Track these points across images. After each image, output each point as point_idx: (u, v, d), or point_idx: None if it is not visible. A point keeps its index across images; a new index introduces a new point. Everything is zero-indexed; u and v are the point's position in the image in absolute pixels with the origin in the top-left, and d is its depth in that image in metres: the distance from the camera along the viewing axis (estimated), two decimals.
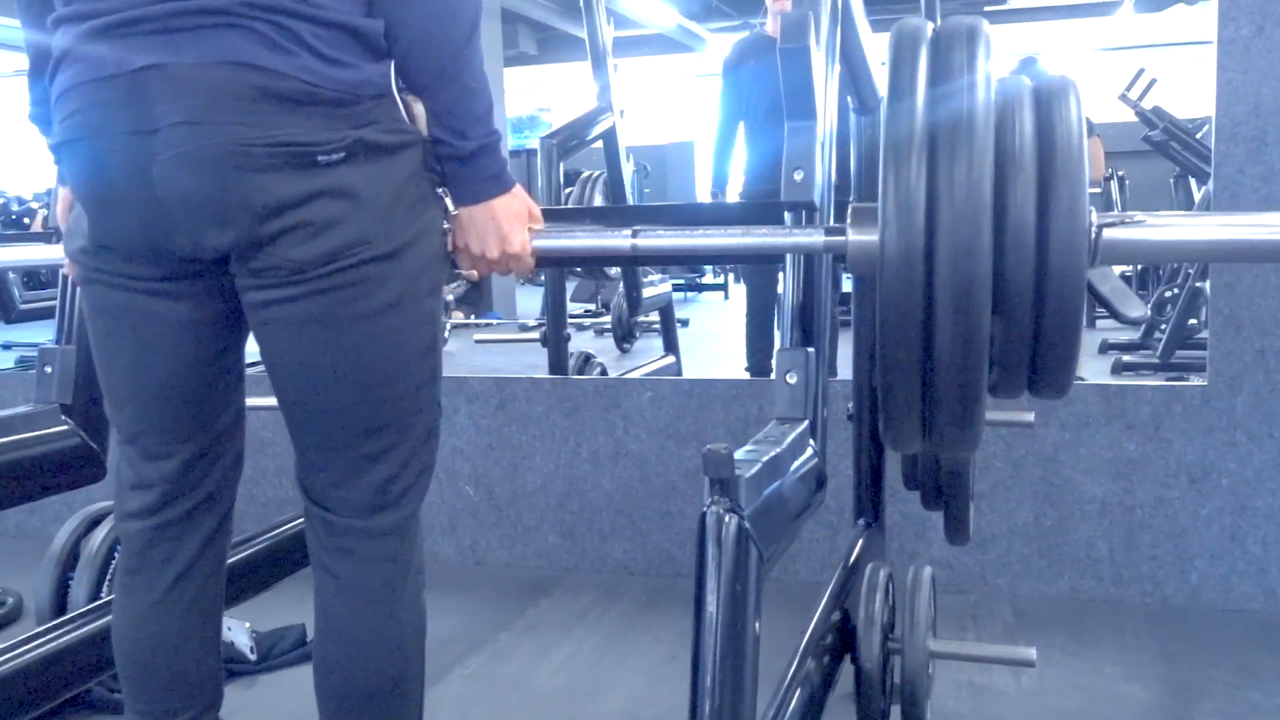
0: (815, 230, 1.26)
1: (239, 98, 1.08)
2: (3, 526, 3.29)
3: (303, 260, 1.13)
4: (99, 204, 1.17)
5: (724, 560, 1.07)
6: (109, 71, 1.10)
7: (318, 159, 1.11)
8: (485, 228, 1.27)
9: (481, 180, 1.25)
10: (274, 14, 1.09)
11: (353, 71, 1.13)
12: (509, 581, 2.86)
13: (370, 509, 1.27)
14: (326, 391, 1.22)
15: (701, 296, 10.39)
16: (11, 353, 6.35)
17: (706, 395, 2.83)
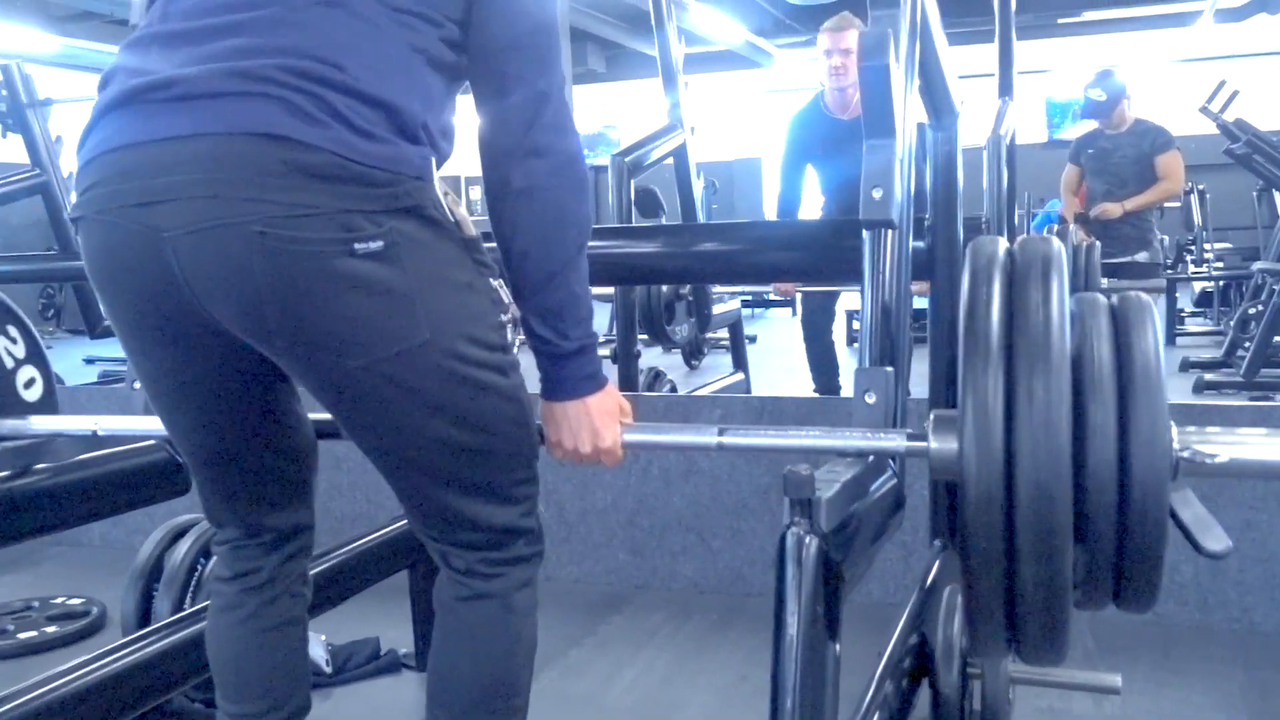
0: (897, 435, 1.24)
1: (265, 172, 1.02)
2: (87, 538, 3.38)
3: (342, 363, 1.10)
4: (116, 285, 1.12)
5: (804, 581, 1.06)
6: (128, 139, 1.06)
7: (354, 248, 1.04)
8: (579, 424, 1.27)
9: (579, 378, 1.25)
10: (309, 82, 1.04)
11: (389, 147, 1.07)
12: (579, 598, 2.86)
13: (485, 546, 1.28)
14: (410, 473, 1.23)
15: (769, 313, 10.35)
16: (94, 367, 6.52)
17: (777, 413, 2.81)
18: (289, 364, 1.15)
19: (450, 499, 1.24)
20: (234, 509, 1.34)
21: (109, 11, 8.56)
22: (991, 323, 1.04)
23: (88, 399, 3.56)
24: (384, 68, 1.09)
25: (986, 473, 1.00)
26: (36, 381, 1.74)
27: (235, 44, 1.06)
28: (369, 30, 1.09)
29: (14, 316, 1.73)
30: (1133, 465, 1.02)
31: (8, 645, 2.50)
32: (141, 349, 1.19)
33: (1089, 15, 11.62)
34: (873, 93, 1.38)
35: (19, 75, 4.28)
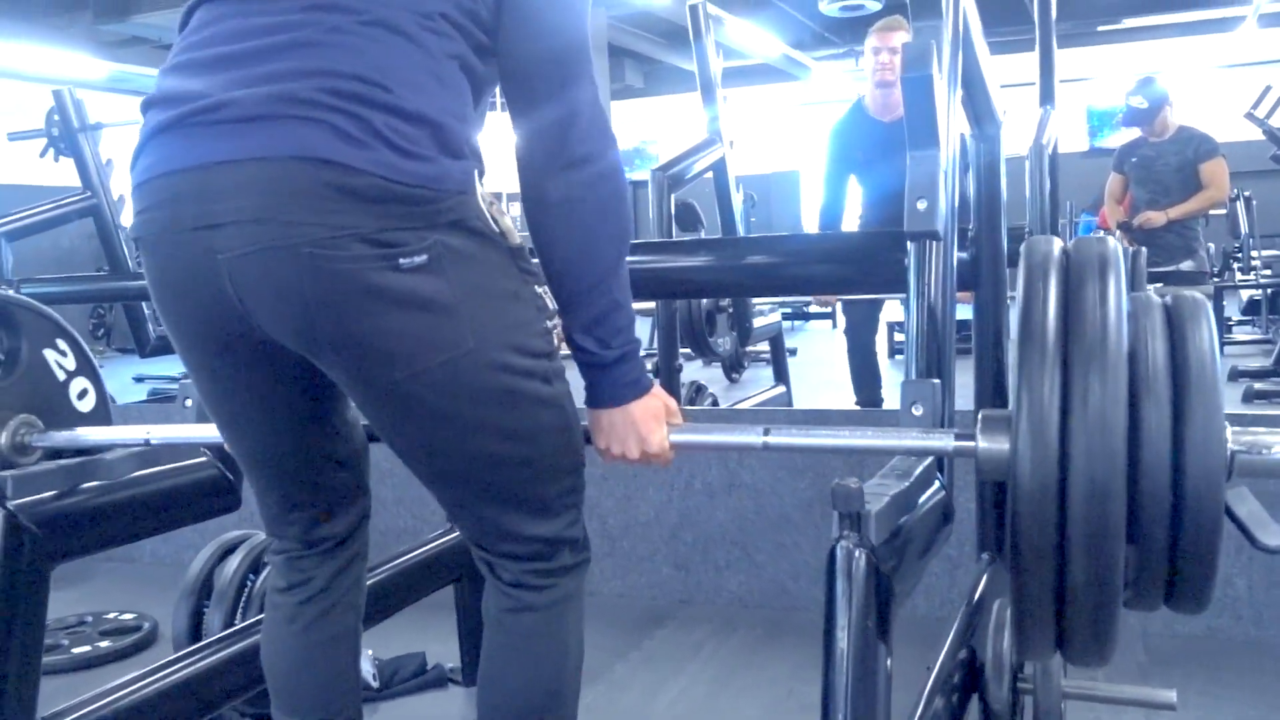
0: (945, 435, 1.22)
1: (311, 195, 1.04)
2: (138, 553, 3.43)
3: (389, 374, 1.11)
4: (173, 303, 1.16)
5: (854, 596, 1.06)
6: (178, 165, 1.09)
7: (399, 263, 1.06)
8: (625, 430, 1.27)
9: (622, 385, 1.26)
10: (353, 103, 1.06)
11: (431, 165, 1.09)
12: (623, 612, 2.86)
13: (531, 556, 1.29)
14: (456, 483, 1.24)
15: (809, 325, 10.32)
16: (144, 385, 6.61)
17: (821, 424, 2.79)
18: (338, 376, 1.17)
19: (494, 511, 1.25)
20: (288, 516, 1.36)
21: (157, 37, 8.73)
22: (1048, 320, 1.03)
23: (139, 415, 3.61)
24: (426, 83, 1.11)
25: (1040, 470, 0.99)
26: (89, 393, 1.77)
27: (279, 67, 1.07)
28: (408, 46, 1.10)
29: (63, 331, 1.77)
30: (1187, 461, 1.00)
31: (62, 660, 2.54)
32: (199, 362, 1.22)
33: (1129, 22, 11.51)
34: (916, 103, 1.38)
35: (70, 100, 4.38)
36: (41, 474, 1.49)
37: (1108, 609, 1.04)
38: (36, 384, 1.68)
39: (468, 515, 1.28)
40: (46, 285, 4.09)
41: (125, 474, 1.60)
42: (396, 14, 1.10)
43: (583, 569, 1.33)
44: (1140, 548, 1.04)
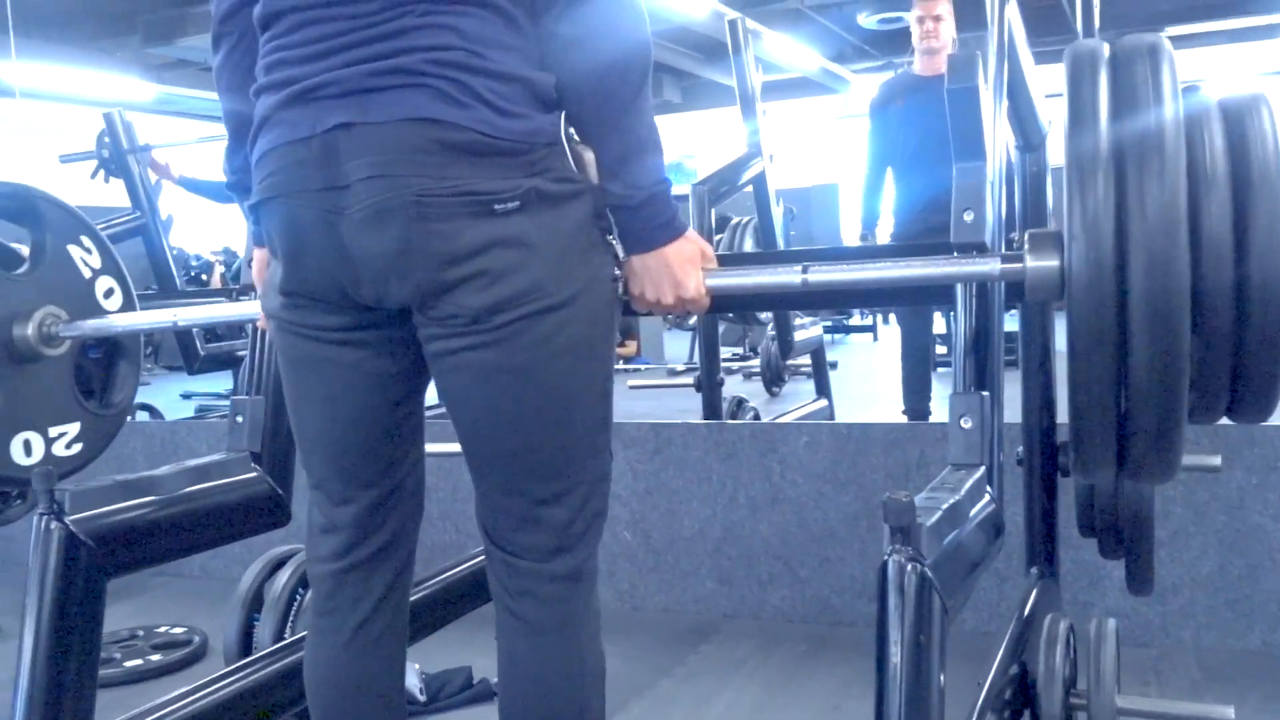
0: (990, 258, 1.22)
1: (420, 150, 1.14)
2: (188, 568, 3.47)
3: (480, 308, 1.17)
4: (292, 257, 1.24)
5: (907, 610, 1.05)
6: (303, 133, 1.17)
7: (494, 208, 1.15)
8: (659, 274, 1.28)
9: (653, 228, 1.26)
10: (454, 69, 1.14)
11: (525, 121, 1.17)
12: (667, 627, 2.85)
13: (550, 552, 1.29)
14: (505, 435, 1.25)
15: (849, 338, 10.27)
16: (191, 402, 6.70)
17: (864, 439, 2.78)
18: (430, 332, 1.21)
19: (524, 480, 1.27)
20: (351, 495, 1.35)
21: (201, 59, 8.87)
22: (1097, 119, 1.00)
23: (188, 431, 3.66)
24: (512, 43, 1.18)
25: (1098, 283, 0.96)
26: (115, 292, 1.81)
27: (382, 47, 1.15)
28: (491, 13, 1.17)
29: (86, 227, 1.80)
30: (1252, 264, 0.97)
31: (115, 673, 2.58)
32: (304, 321, 1.27)
33: (1172, 30, 11.36)
34: (962, 115, 1.37)
35: (120, 122, 4.46)
36: (98, 490, 1.52)
37: (1174, 407, 1.00)
38: (62, 277, 1.72)
39: (502, 495, 1.29)
40: None
41: (178, 490, 1.62)
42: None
43: (592, 578, 1.33)
44: (1203, 339, 1.00)
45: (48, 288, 1.71)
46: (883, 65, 11.12)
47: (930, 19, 3.92)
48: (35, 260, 1.72)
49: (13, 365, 1.70)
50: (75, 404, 1.82)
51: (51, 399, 1.78)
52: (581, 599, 1.32)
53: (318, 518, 1.39)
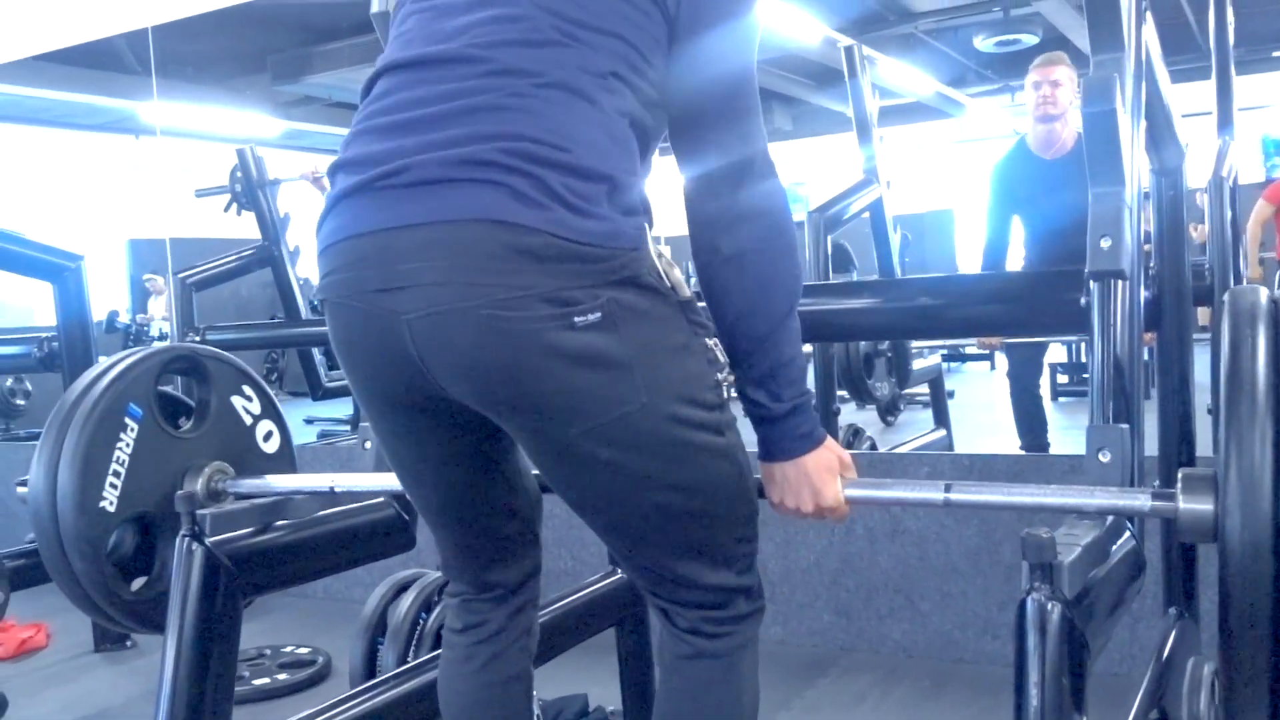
0: (1140, 493, 1.16)
1: (490, 256, 1.06)
2: (312, 589, 3.56)
3: (568, 430, 1.12)
4: (358, 363, 1.20)
5: (1048, 651, 1.01)
6: (365, 227, 1.12)
7: (574, 321, 1.07)
8: (799, 484, 1.25)
9: (795, 438, 1.24)
10: (530, 164, 1.07)
11: (605, 223, 1.10)
12: (784, 660, 2.81)
13: (705, 605, 1.27)
14: (632, 539, 1.24)
15: (965, 367, 10.03)
16: (314, 427, 6.89)
17: (987, 470, 2.71)
18: (514, 433, 1.20)
19: (668, 561, 1.25)
20: (464, 562, 1.39)
21: (327, 95, 9.19)
22: (1257, 372, 0.98)
23: (313, 456, 3.77)
24: (600, 141, 1.12)
25: (1253, 534, 0.94)
26: (274, 435, 1.87)
27: (459, 132, 1.10)
28: (584, 105, 1.12)
29: (248, 377, 1.87)
30: None
31: (245, 690, 2.66)
32: (380, 415, 1.26)
33: None
34: (1099, 138, 1.33)
35: (252, 157, 4.65)
36: (235, 512, 1.57)
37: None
38: (226, 430, 1.78)
39: (641, 566, 1.28)
40: (227, 332, 4.35)
41: (310, 513, 1.67)
42: (573, 75, 1.12)
43: (758, 617, 1.31)
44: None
45: (213, 442, 1.76)
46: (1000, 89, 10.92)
47: (1047, 84, 3.68)
48: (201, 416, 1.78)
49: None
50: None
51: None
52: (749, 630, 1.30)
53: (441, 554, 1.41)
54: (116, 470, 1.62)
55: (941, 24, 9.01)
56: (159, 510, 1.69)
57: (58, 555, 1.61)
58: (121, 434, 1.63)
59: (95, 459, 1.59)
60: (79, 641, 3.20)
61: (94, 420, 1.60)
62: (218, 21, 4.10)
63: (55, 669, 3.06)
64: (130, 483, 1.63)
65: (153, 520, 1.70)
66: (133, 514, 1.65)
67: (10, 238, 3.04)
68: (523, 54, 1.12)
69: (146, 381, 1.68)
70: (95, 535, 1.59)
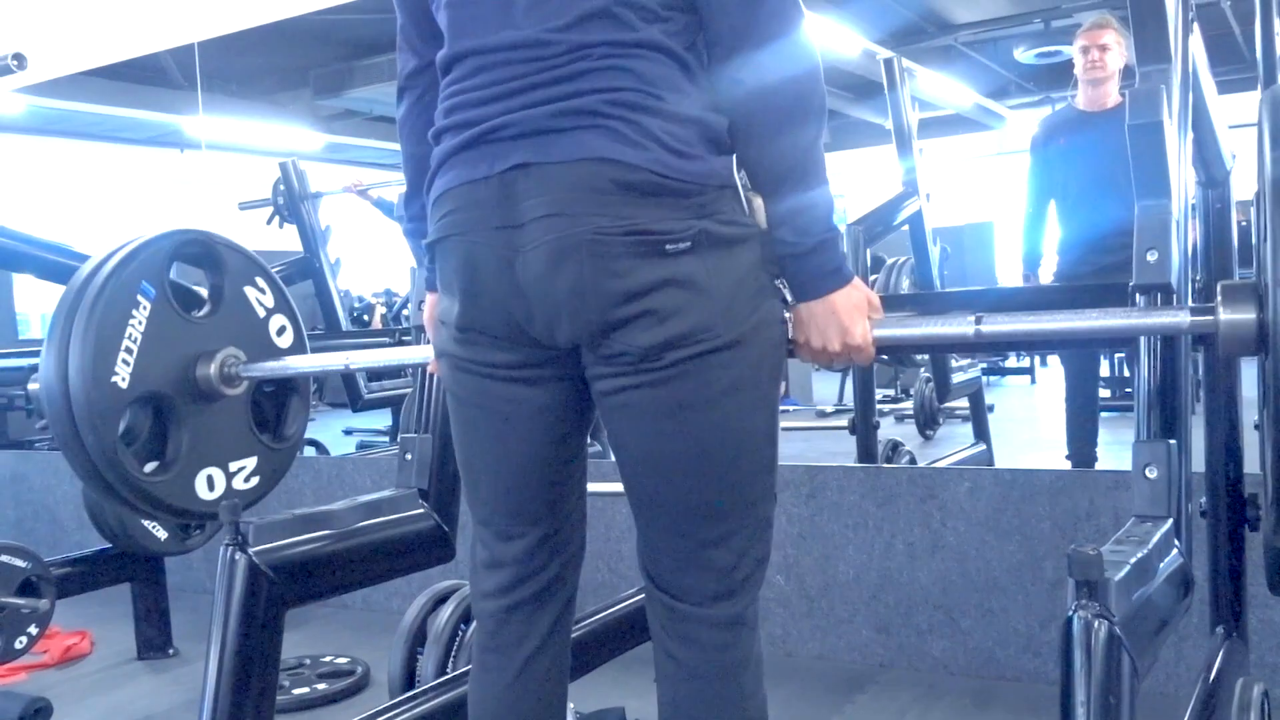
0: (1178, 310, 1.16)
1: (596, 190, 1.16)
2: (350, 599, 3.58)
3: (647, 346, 1.18)
4: (468, 293, 1.26)
5: (1095, 670, 1.00)
6: (481, 174, 1.21)
7: (665, 248, 1.16)
8: (826, 322, 1.27)
9: (822, 275, 1.25)
10: (632, 111, 1.17)
11: (699, 163, 1.18)
12: (821, 675, 2.79)
13: (712, 596, 1.29)
14: (670, 475, 1.26)
15: (1005, 381, 9.94)
16: (353, 438, 6.95)
17: (1030, 486, 2.68)
18: (600, 371, 1.23)
19: (690, 529, 1.27)
20: (516, 531, 1.38)
21: (367, 109, 9.29)
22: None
23: (353, 468, 3.80)
24: (686, 88, 1.21)
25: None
26: (287, 329, 1.89)
27: (560, 90, 1.18)
28: (667, 58, 1.20)
29: (260, 268, 1.88)
30: None
31: (285, 700, 2.67)
32: (478, 354, 1.29)
33: None
34: (1145, 151, 1.32)
35: (294, 171, 4.70)
36: (278, 523, 1.58)
37: None
38: (240, 319, 1.80)
39: (665, 536, 1.29)
40: None
41: (352, 524, 1.68)
42: (652, 34, 1.19)
43: (753, 631, 1.32)
44: None
45: (227, 329, 1.79)
46: (1040, 100, 10.84)
47: (1096, 48, 3.75)
48: (214, 302, 1.81)
49: (197, 404, 1.79)
50: (253, 439, 1.91)
51: (231, 435, 1.87)
52: (743, 645, 1.31)
53: (483, 554, 1.41)
54: (129, 347, 1.63)
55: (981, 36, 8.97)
56: (172, 391, 1.70)
57: (69, 431, 1.61)
58: (134, 311, 1.64)
59: (107, 334, 1.60)
60: (122, 649, 3.24)
61: (106, 296, 1.61)
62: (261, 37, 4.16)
63: (99, 676, 3.10)
64: (143, 360, 1.64)
65: (166, 402, 1.72)
66: (145, 392, 1.66)
67: (61, 250, 3.09)
68: (588, 27, 1.18)
69: (159, 262, 1.70)
70: (107, 410, 1.60)
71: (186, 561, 3.73)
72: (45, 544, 3.74)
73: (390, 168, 9.02)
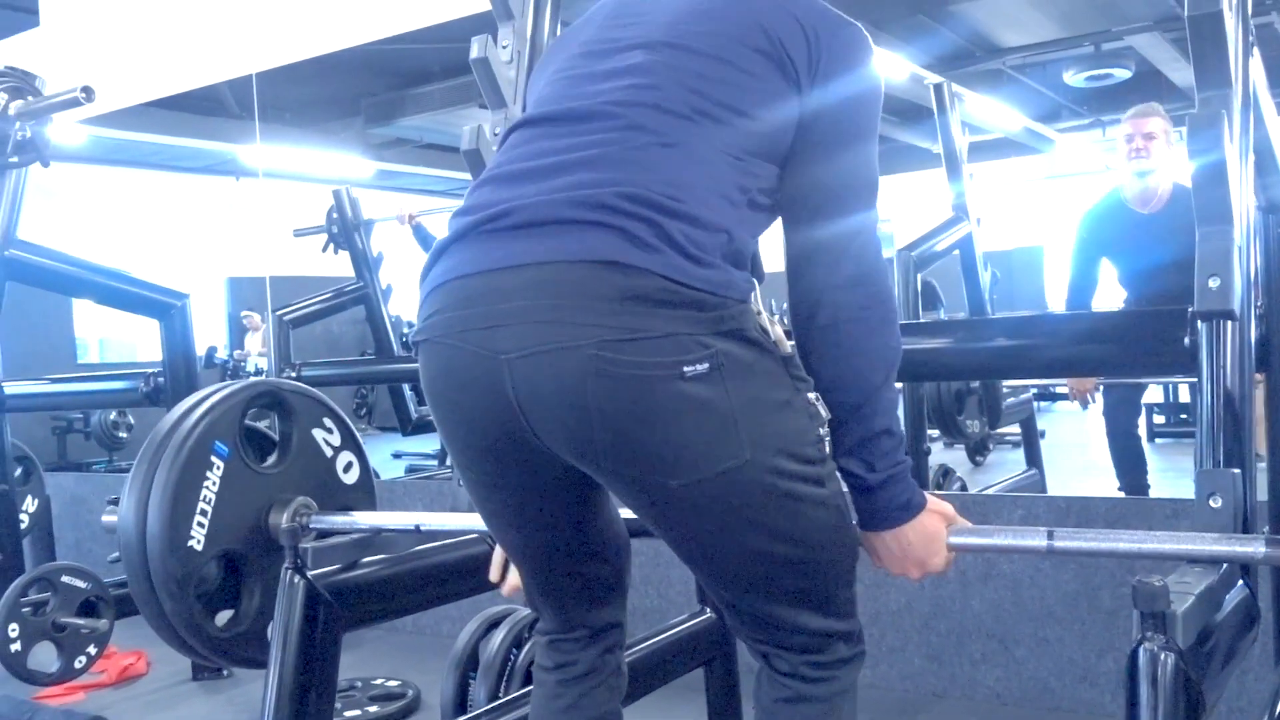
0: (1254, 539, 1.13)
1: (599, 297, 1.05)
2: (400, 623, 3.60)
3: (669, 480, 1.11)
4: (449, 406, 1.17)
5: (1160, 703, 0.98)
6: (477, 267, 1.11)
7: (684, 372, 1.06)
8: (903, 554, 1.25)
9: (890, 510, 1.23)
10: (645, 208, 1.08)
11: (718, 272, 1.10)
12: (872, 704, 2.76)
13: (800, 649, 1.26)
14: (721, 582, 1.24)
15: (1056, 406, 9.80)
16: (402, 461, 7.00)
17: (1085, 514, 2.64)
18: (611, 483, 1.19)
19: (768, 607, 1.24)
20: (550, 604, 1.39)
21: (418, 137, 9.41)
22: None
23: (404, 491, 3.83)
24: (716, 201, 1.13)
25: None
26: (353, 466, 1.91)
27: (578, 178, 1.11)
28: (705, 169, 1.14)
29: (329, 410, 1.91)
30: None
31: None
32: (469, 461, 1.24)
33: None
34: (1206, 177, 1.31)
35: (347, 198, 4.77)
36: (336, 547, 1.60)
37: None
38: (308, 463, 1.82)
39: (741, 611, 1.27)
40: (320, 368, 4.46)
41: (406, 548, 1.69)
42: (701, 145, 1.15)
43: (858, 662, 1.30)
44: None
45: (297, 476, 1.80)
46: (1091, 124, 10.73)
47: (1140, 136, 3.54)
48: (283, 450, 1.81)
49: (269, 555, 1.76)
50: None
51: None
52: (849, 676, 1.29)
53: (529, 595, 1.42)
54: (204, 509, 1.66)
55: (1029, 59, 8.91)
56: (244, 546, 1.72)
57: (147, 593, 1.65)
58: (208, 473, 1.67)
59: (183, 499, 1.63)
60: (177, 670, 3.28)
61: (181, 460, 1.64)
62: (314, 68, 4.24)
63: (154, 696, 3.14)
64: (217, 521, 1.67)
65: (238, 556, 1.74)
66: (219, 551, 1.69)
67: (120, 276, 3.16)
68: (653, 116, 1.14)
69: (232, 419, 1.72)
70: (183, 574, 1.63)
71: None
72: (103, 565, 3.80)
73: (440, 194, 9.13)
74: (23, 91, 2.76)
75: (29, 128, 2.74)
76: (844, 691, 1.28)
